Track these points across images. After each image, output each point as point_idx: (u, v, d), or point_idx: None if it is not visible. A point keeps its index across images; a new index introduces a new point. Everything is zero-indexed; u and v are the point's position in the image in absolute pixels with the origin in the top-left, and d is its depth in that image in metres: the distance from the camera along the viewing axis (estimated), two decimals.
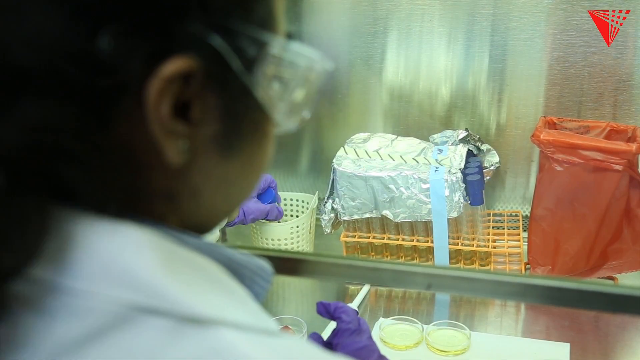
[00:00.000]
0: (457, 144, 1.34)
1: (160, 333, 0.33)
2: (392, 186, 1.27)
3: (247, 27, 0.37)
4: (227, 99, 0.37)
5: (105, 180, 0.36)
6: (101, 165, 0.35)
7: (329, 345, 0.79)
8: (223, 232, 1.41)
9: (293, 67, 0.39)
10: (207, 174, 0.39)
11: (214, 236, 1.23)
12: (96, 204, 0.36)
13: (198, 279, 0.37)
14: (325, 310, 0.83)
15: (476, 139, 1.37)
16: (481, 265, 1.34)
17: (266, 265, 0.43)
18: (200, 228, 0.41)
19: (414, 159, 1.31)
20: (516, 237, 1.38)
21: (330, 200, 1.34)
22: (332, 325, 0.84)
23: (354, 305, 1.15)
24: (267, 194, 1.35)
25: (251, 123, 0.40)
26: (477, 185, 1.26)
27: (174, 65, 0.34)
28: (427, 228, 1.31)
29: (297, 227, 1.35)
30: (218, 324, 0.34)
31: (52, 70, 0.33)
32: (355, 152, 1.34)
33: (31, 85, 0.33)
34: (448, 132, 1.38)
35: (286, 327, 1.09)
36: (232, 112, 0.38)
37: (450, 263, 1.32)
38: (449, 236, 1.29)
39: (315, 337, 0.80)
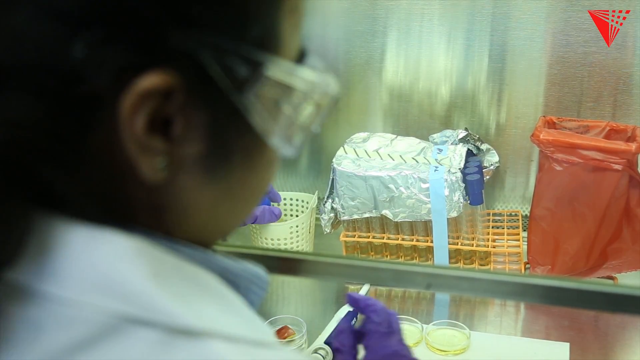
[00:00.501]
0: (456, 144, 1.34)
1: (149, 344, 0.33)
2: (391, 186, 1.27)
3: (240, 45, 0.34)
4: (214, 119, 0.35)
5: (87, 187, 0.35)
6: (82, 171, 0.34)
7: (360, 334, 0.74)
8: None
9: (291, 91, 0.36)
10: (191, 193, 0.37)
11: None
12: (81, 211, 0.34)
13: (189, 288, 0.36)
14: (356, 305, 0.78)
15: (476, 138, 1.37)
16: (481, 265, 1.34)
17: (261, 273, 0.42)
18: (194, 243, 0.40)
19: (413, 158, 1.31)
20: (516, 237, 1.38)
21: (329, 200, 1.34)
22: (334, 323, 0.83)
23: None
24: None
25: (242, 145, 0.37)
26: (476, 184, 1.26)
27: (148, 81, 0.32)
28: (426, 228, 1.31)
29: (297, 226, 1.35)
30: (209, 336, 0.34)
31: (29, 73, 0.32)
32: (355, 151, 1.34)
33: (7, 83, 0.32)
34: (448, 132, 1.38)
35: (286, 327, 1.09)
36: (220, 133, 0.36)
37: (449, 263, 1.32)
38: (448, 236, 1.29)
39: (347, 324, 0.77)
